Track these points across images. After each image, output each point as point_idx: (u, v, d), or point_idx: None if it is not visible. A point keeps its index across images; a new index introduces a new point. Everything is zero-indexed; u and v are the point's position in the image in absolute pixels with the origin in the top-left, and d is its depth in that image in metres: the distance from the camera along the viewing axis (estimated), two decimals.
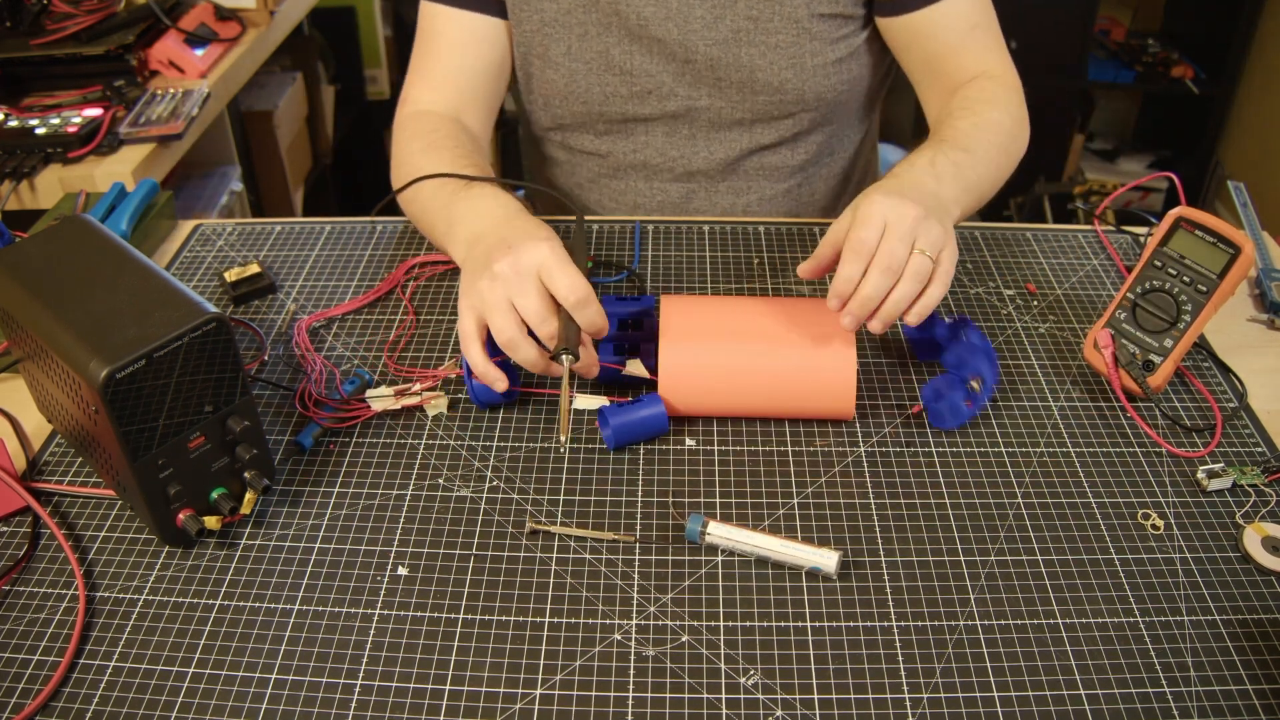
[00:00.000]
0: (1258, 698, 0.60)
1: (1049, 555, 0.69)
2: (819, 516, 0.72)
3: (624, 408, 0.76)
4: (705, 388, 0.77)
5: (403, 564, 0.69)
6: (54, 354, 0.64)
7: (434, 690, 0.61)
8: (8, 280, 0.69)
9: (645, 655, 0.63)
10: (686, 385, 0.77)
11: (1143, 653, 0.63)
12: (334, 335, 0.89)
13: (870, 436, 0.78)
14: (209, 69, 1.47)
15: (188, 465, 0.67)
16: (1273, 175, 2.43)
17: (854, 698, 0.60)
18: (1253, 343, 0.89)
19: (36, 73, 1.37)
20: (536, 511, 0.73)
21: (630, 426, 0.76)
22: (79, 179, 1.20)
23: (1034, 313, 0.91)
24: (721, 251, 0.99)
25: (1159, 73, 2.60)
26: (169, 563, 0.70)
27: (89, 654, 0.64)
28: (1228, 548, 0.70)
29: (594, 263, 0.97)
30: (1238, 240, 0.77)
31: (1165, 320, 0.80)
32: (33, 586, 0.68)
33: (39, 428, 0.81)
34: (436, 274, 0.97)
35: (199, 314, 0.64)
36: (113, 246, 0.71)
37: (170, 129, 1.28)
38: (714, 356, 0.77)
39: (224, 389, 0.67)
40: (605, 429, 0.77)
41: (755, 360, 0.77)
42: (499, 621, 0.65)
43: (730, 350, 0.77)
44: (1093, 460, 0.76)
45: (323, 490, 0.75)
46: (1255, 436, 0.78)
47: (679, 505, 0.73)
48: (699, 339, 0.78)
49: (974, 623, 0.65)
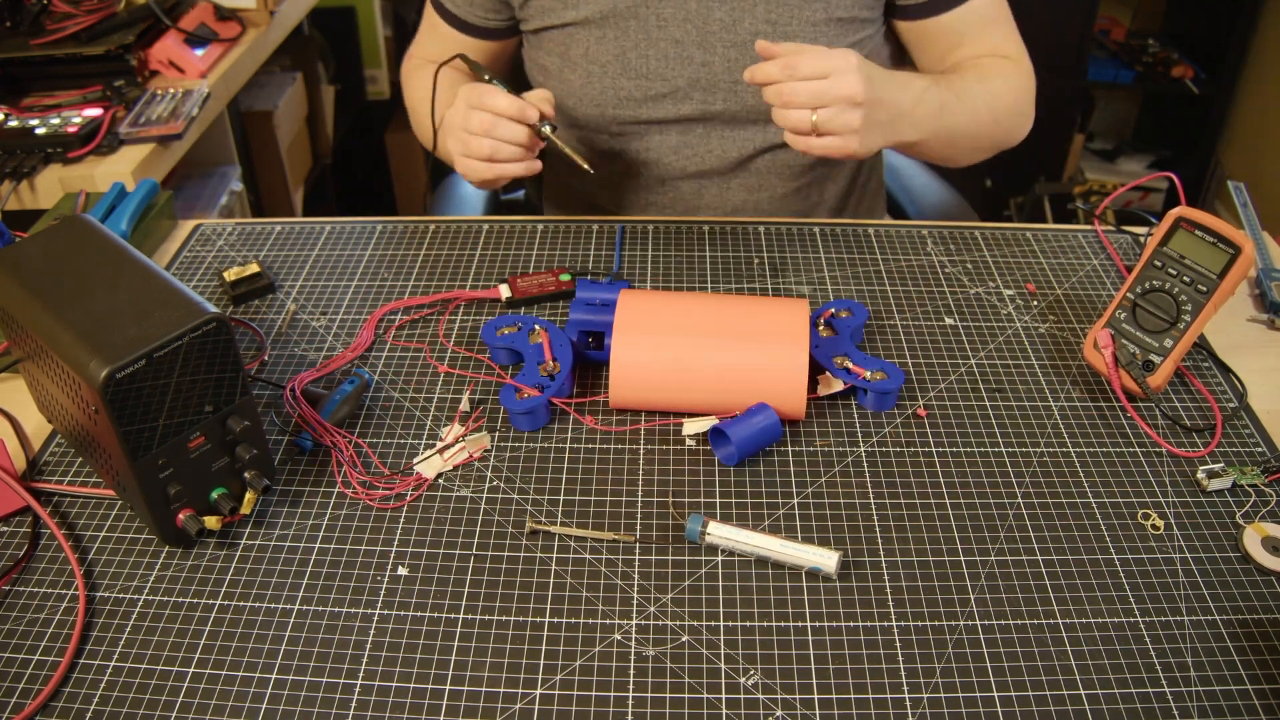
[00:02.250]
0: (1258, 698, 0.60)
1: (1049, 555, 0.69)
2: (819, 516, 0.72)
3: (738, 422, 0.75)
4: (654, 383, 0.77)
5: (403, 564, 0.69)
6: (54, 354, 0.64)
7: (434, 690, 0.61)
8: (8, 280, 0.69)
9: (645, 655, 0.63)
10: (635, 379, 0.77)
11: (1143, 653, 0.63)
12: (333, 335, 0.89)
13: (870, 436, 0.78)
14: (209, 69, 1.47)
15: (188, 465, 0.67)
16: (1273, 175, 2.43)
17: (854, 698, 0.60)
18: (1253, 343, 0.89)
19: (36, 73, 1.37)
20: (536, 511, 0.73)
21: (751, 439, 0.74)
22: (79, 179, 1.20)
23: (1034, 313, 0.91)
24: (721, 251, 0.99)
25: (1159, 73, 2.60)
26: (169, 563, 0.70)
27: (89, 654, 0.64)
28: (1228, 548, 0.70)
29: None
30: (1238, 240, 0.77)
31: (1165, 320, 0.80)
32: (33, 586, 0.68)
33: (39, 428, 0.81)
34: (409, 322, 0.97)
35: (199, 314, 0.64)
36: (113, 246, 0.71)
37: (170, 129, 1.28)
38: (664, 352, 0.77)
39: (224, 389, 0.67)
40: (723, 448, 0.76)
41: (706, 356, 0.77)
42: (499, 621, 0.65)
43: (681, 346, 0.77)
44: (1093, 460, 0.76)
45: (323, 490, 0.75)
46: (1255, 436, 0.78)
47: (679, 505, 0.73)
48: (650, 334, 0.78)
49: (974, 623, 0.65)
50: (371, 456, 0.77)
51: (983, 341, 0.88)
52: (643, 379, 0.77)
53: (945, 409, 0.81)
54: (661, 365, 0.77)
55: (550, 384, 0.79)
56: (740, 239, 1.01)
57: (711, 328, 0.78)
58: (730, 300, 0.81)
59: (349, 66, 2.42)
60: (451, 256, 0.99)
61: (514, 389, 0.79)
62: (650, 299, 0.81)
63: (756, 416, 0.75)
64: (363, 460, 0.77)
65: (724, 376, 0.77)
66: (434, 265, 0.98)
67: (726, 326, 0.78)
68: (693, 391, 0.78)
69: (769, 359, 0.76)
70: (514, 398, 0.78)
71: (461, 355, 0.87)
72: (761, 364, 0.76)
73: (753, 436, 0.74)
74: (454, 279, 0.96)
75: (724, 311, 0.79)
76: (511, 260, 0.99)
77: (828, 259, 0.98)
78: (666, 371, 0.77)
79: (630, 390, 0.78)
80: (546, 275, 0.94)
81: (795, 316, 0.78)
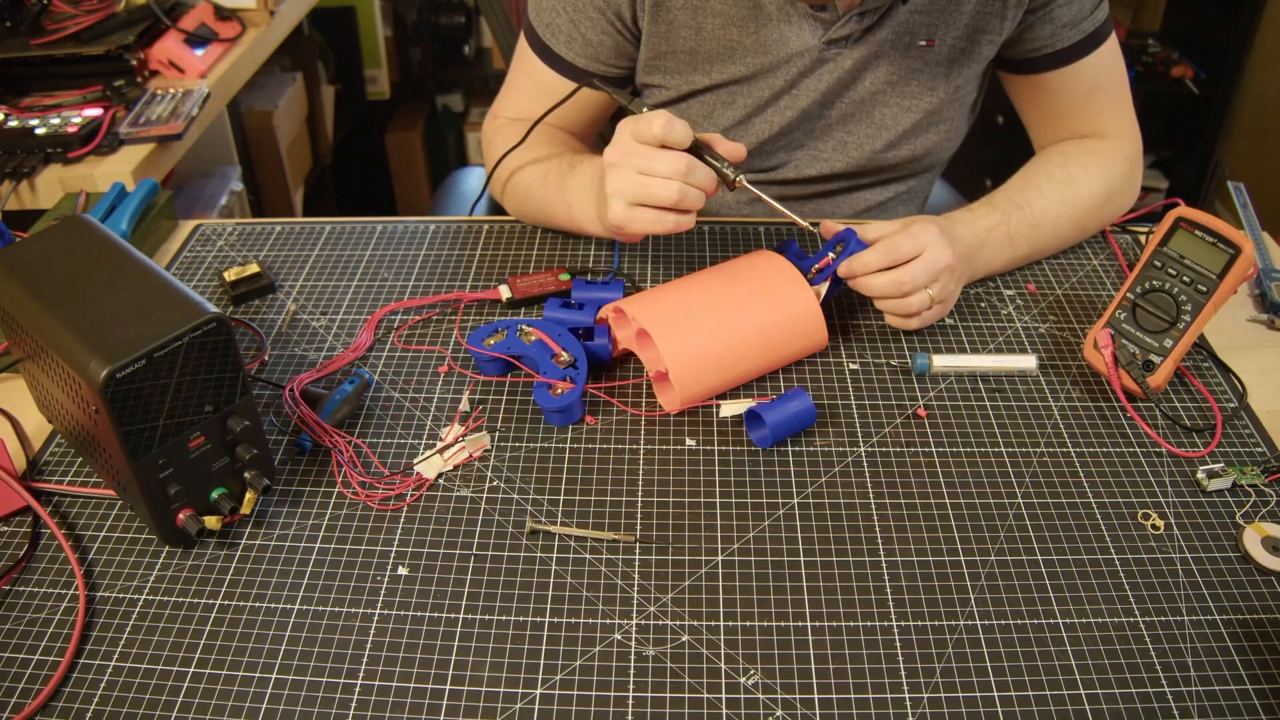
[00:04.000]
0: (1258, 698, 0.60)
1: (1049, 555, 0.69)
2: (819, 516, 0.72)
3: (774, 405, 0.76)
4: (712, 369, 0.79)
5: (403, 564, 0.69)
6: (54, 354, 0.64)
7: (434, 690, 0.61)
8: (8, 280, 0.69)
9: (645, 655, 0.63)
10: (695, 373, 0.79)
11: (1143, 653, 0.63)
12: (333, 335, 0.89)
13: (870, 437, 0.78)
14: (209, 69, 1.47)
15: (188, 465, 0.67)
16: (1272, 175, 2.43)
17: (854, 698, 0.60)
18: (1253, 343, 0.89)
19: (36, 73, 1.37)
20: (537, 511, 0.73)
21: (785, 422, 0.76)
22: (79, 179, 1.20)
23: (1034, 313, 0.91)
24: (722, 252, 0.99)
25: (1159, 73, 2.60)
26: (169, 563, 0.70)
27: (89, 654, 0.64)
28: (1228, 548, 0.70)
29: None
30: (1237, 240, 0.77)
31: (1165, 320, 0.80)
32: (33, 586, 0.68)
33: (39, 428, 0.81)
34: (410, 323, 0.97)
35: (199, 314, 0.64)
36: (113, 246, 0.71)
37: (170, 129, 1.28)
38: (708, 337, 0.79)
39: (224, 389, 0.67)
40: (757, 430, 0.78)
41: (739, 326, 0.80)
42: (499, 621, 0.65)
43: (717, 324, 0.80)
44: (1093, 460, 0.76)
45: (323, 490, 0.75)
46: (1255, 436, 0.78)
47: (679, 505, 0.73)
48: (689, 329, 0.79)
49: (974, 623, 0.65)
50: (371, 457, 0.77)
51: (983, 341, 0.88)
52: (702, 372, 0.79)
53: (945, 409, 0.81)
54: (715, 354, 0.79)
55: (576, 373, 0.79)
56: (740, 239, 1.01)
57: (725, 302, 0.81)
58: (714, 272, 0.85)
59: (349, 66, 2.42)
60: (451, 256, 0.99)
61: (546, 386, 0.78)
62: (659, 296, 0.82)
63: (792, 402, 0.76)
64: (363, 461, 0.77)
65: (759, 337, 0.81)
66: (434, 265, 0.98)
67: (735, 298, 0.82)
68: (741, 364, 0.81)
69: (785, 304, 0.82)
70: (549, 395, 0.78)
71: (462, 355, 0.87)
72: (781, 311, 0.82)
73: (787, 420, 0.76)
74: (454, 279, 0.96)
75: (720, 282, 0.83)
76: (511, 260, 0.99)
77: None
78: (719, 358, 0.80)
79: (696, 387, 0.79)
80: (546, 275, 0.94)
81: (778, 263, 0.85)
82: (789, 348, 0.83)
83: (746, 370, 0.81)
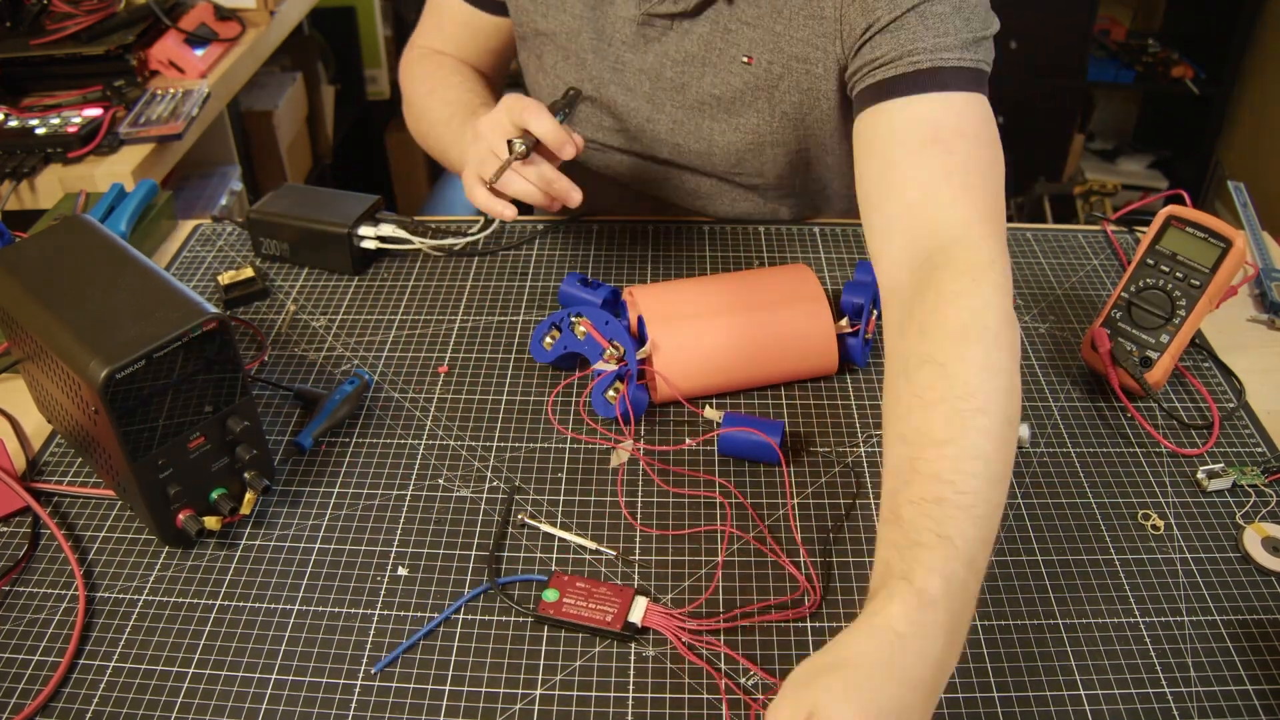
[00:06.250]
0: (1258, 698, 0.60)
1: (1049, 555, 0.69)
2: (819, 517, 0.72)
3: (744, 421, 0.75)
4: (700, 365, 0.79)
5: (403, 564, 0.69)
6: (54, 354, 0.64)
7: (434, 690, 0.61)
8: (8, 280, 0.69)
9: (645, 655, 0.63)
10: (679, 365, 0.79)
11: (1143, 653, 0.63)
12: (333, 336, 0.89)
13: (871, 437, 0.78)
14: (209, 69, 1.47)
15: (188, 465, 0.67)
16: (1272, 175, 2.43)
17: None
18: (1253, 343, 0.89)
19: (36, 73, 1.37)
20: (537, 512, 0.73)
21: (739, 443, 0.75)
22: (79, 179, 1.20)
23: (1034, 313, 0.91)
24: (721, 252, 0.99)
25: (1159, 73, 2.60)
26: (169, 563, 0.70)
27: (89, 654, 0.64)
28: (1228, 548, 0.70)
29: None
30: (1229, 234, 0.77)
31: (1160, 316, 0.80)
32: (33, 586, 0.68)
33: (39, 428, 0.81)
34: (410, 323, 0.97)
35: (199, 314, 0.64)
36: (113, 246, 0.71)
37: (170, 129, 1.28)
38: (703, 332, 0.79)
39: (224, 389, 0.67)
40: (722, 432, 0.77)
41: (742, 331, 0.80)
42: (499, 621, 0.65)
43: (717, 324, 0.80)
44: (1093, 460, 0.76)
45: (323, 490, 0.75)
46: (1255, 436, 0.78)
47: (679, 505, 0.73)
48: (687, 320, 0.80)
49: (974, 623, 0.65)
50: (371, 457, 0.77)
51: None
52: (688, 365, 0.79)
53: None
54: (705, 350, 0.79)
55: (629, 368, 0.79)
56: (740, 239, 1.01)
57: (735, 306, 0.81)
58: (735, 277, 0.85)
59: (349, 66, 2.42)
60: (451, 256, 0.99)
61: (603, 397, 0.78)
62: (669, 287, 0.83)
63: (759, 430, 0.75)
64: (363, 461, 0.77)
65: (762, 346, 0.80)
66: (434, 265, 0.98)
67: (749, 305, 0.81)
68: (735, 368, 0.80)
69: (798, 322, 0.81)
70: (609, 406, 0.78)
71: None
72: (793, 329, 0.81)
73: (743, 444, 0.75)
74: (454, 279, 0.96)
75: (737, 291, 0.83)
76: (512, 260, 0.99)
77: (828, 259, 0.98)
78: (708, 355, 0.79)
79: (678, 377, 0.79)
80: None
81: (807, 279, 0.83)
82: (793, 364, 0.81)
83: (742, 376, 0.81)
